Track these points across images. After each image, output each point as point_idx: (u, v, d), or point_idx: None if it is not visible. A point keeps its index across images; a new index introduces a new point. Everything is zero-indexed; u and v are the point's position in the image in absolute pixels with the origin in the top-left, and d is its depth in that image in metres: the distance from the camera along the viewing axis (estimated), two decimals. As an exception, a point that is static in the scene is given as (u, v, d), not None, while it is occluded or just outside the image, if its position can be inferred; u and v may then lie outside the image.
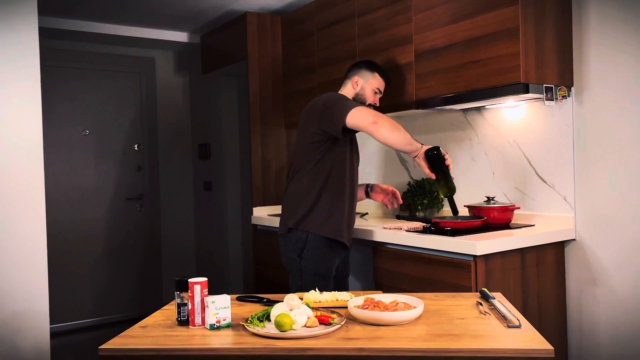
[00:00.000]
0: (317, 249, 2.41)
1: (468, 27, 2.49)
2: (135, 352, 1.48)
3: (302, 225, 2.42)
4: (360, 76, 2.60)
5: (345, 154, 2.47)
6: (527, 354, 1.37)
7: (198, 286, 1.64)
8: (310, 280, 2.40)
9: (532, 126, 2.64)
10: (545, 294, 2.45)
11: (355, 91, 2.59)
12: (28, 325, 2.45)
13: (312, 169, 2.42)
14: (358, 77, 2.60)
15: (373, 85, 2.60)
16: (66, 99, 4.42)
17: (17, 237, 2.44)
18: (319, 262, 2.42)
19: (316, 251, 2.41)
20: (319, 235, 2.41)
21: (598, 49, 2.39)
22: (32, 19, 2.46)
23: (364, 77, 2.60)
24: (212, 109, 4.65)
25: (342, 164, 2.46)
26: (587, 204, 2.46)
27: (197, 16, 4.04)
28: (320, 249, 2.41)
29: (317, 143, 2.40)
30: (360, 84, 2.59)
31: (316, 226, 2.41)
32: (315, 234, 2.40)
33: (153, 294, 4.80)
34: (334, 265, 2.48)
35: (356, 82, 2.59)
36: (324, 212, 2.42)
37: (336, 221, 2.42)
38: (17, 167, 2.44)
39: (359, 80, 2.59)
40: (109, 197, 4.62)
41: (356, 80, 2.59)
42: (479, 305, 1.74)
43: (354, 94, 2.59)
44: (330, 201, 2.42)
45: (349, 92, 2.60)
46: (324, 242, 2.41)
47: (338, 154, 2.45)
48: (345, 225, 2.46)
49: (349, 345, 1.43)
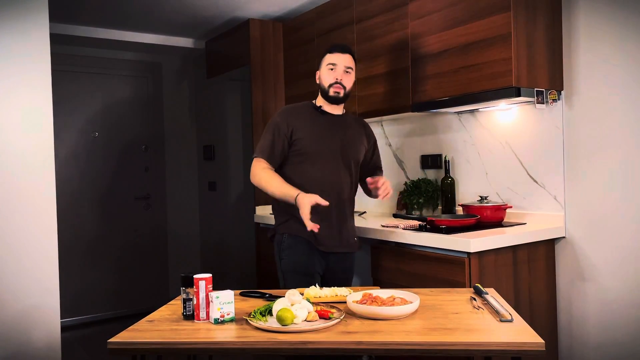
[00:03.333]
0: (291, 247, 2.37)
1: (462, 33, 2.51)
2: (143, 345, 1.49)
3: (279, 228, 2.41)
4: (319, 67, 2.45)
5: (297, 164, 2.39)
6: (519, 347, 1.38)
7: (203, 282, 1.65)
8: (291, 278, 2.36)
9: (524, 128, 2.67)
10: (536, 290, 2.47)
11: (319, 82, 2.44)
12: (40, 320, 2.47)
13: (282, 175, 2.37)
14: (318, 71, 2.46)
15: (324, 63, 2.41)
16: (76, 103, 4.48)
17: (29, 235, 2.46)
18: (296, 261, 2.35)
19: (291, 249, 2.36)
20: (290, 234, 2.36)
21: (587, 54, 2.42)
22: (44, 26, 2.48)
23: (320, 66, 2.45)
24: (217, 112, 4.68)
25: (297, 174, 2.37)
26: (577, 203, 2.49)
27: (202, 23, 4.08)
28: (294, 247, 2.36)
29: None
30: (318, 75, 2.45)
31: (285, 226, 2.38)
32: (289, 234, 2.37)
33: (160, 289, 4.86)
34: (313, 262, 2.36)
35: (318, 77, 2.46)
36: (286, 213, 2.37)
37: (298, 221, 2.26)
38: (29, 167, 2.46)
39: (318, 72, 2.45)
40: (118, 196, 4.68)
41: (317, 75, 2.46)
42: (473, 300, 1.75)
43: (319, 89, 2.45)
44: (288, 205, 2.29)
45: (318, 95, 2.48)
46: (296, 240, 2.36)
47: (293, 164, 2.40)
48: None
49: (347, 339, 1.45)
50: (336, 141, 2.42)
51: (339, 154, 2.42)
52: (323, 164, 2.38)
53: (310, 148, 2.37)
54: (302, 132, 2.38)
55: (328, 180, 2.38)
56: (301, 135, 2.37)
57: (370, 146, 2.61)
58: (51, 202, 2.52)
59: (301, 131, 2.38)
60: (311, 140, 2.38)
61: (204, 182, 5.01)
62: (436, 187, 3.06)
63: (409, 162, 3.32)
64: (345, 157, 2.44)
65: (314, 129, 2.40)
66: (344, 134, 2.46)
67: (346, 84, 2.41)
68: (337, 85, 2.39)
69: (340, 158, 2.42)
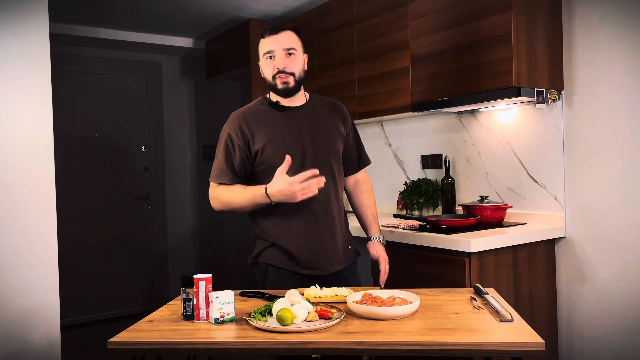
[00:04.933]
0: (275, 282, 1.99)
1: (462, 33, 2.51)
2: (142, 346, 1.48)
3: (261, 257, 2.03)
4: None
5: (263, 179, 1.95)
6: (519, 347, 1.37)
7: (203, 282, 1.64)
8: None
9: (524, 128, 2.67)
10: (536, 290, 2.48)
11: (263, 77, 2.01)
12: (40, 320, 2.47)
13: None
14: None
15: (261, 56, 1.98)
16: (76, 102, 4.49)
17: (29, 235, 2.45)
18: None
19: (276, 285, 1.98)
20: (276, 267, 1.99)
21: (587, 54, 2.42)
22: (44, 26, 2.48)
23: (259, 58, 2.01)
24: (216, 112, 4.70)
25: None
26: (577, 203, 2.49)
27: (202, 23, 4.09)
28: (279, 282, 1.98)
29: None
30: (261, 67, 2.01)
31: (268, 256, 2.01)
32: (274, 266, 1.99)
33: (159, 289, 4.87)
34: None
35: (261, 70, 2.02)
36: (267, 238, 2.02)
37: (282, 250, 1.98)
38: (29, 167, 2.46)
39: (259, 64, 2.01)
40: (118, 196, 4.69)
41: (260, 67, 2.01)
42: (473, 300, 1.75)
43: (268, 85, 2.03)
44: (270, 228, 2.01)
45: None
46: (282, 275, 2.00)
47: (259, 179, 1.99)
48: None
49: (348, 339, 1.44)
50: (306, 140, 1.98)
51: (312, 154, 1.97)
52: (295, 171, 1.86)
53: (275, 157, 1.90)
54: (261, 139, 1.94)
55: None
56: (261, 144, 1.94)
57: (349, 130, 2.13)
58: (51, 202, 2.52)
59: (260, 139, 1.94)
60: (275, 146, 1.94)
61: (203, 182, 5.01)
62: (436, 187, 3.06)
63: (409, 162, 3.32)
64: (321, 155, 1.99)
65: (275, 133, 1.96)
66: (314, 127, 2.01)
67: (293, 69, 1.96)
68: (281, 74, 1.94)
69: (315, 158, 1.97)
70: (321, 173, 1.85)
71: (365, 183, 2.23)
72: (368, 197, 2.21)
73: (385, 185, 3.46)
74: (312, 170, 1.80)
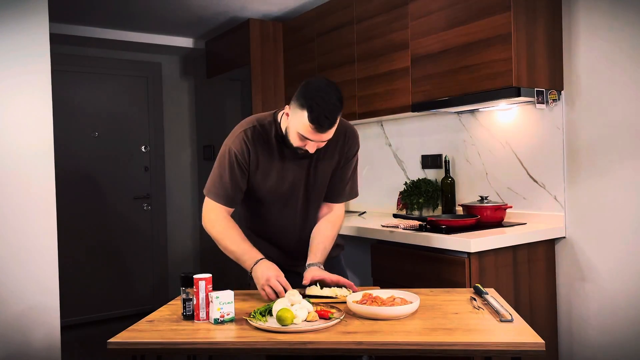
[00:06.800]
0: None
1: (462, 33, 2.52)
2: (143, 346, 1.49)
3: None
4: (292, 106, 1.78)
5: (250, 203, 2.01)
6: (519, 347, 1.37)
7: (203, 282, 1.64)
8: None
9: (524, 128, 2.67)
10: (536, 290, 2.48)
11: (286, 124, 1.84)
12: (39, 321, 2.47)
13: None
14: (291, 106, 1.79)
15: (297, 127, 1.76)
16: (76, 102, 4.49)
17: (29, 235, 2.46)
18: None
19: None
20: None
21: (587, 54, 2.43)
22: (44, 26, 2.49)
23: (293, 111, 1.78)
24: (216, 112, 4.70)
25: (249, 212, 2.07)
26: (577, 203, 2.49)
27: (202, 23, 4.09)
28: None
29: None
30: (289, 119, 1.80)
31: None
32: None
33: (160, 289, 4.87)
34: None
35: (287, 114, 1.82)
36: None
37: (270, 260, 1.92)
38: (29, 167, 2.46)
39: (289, 113, 1.80)
40: (118, 196, 4.69)
41: (287, 110, 1.81)
42: (473, 300, 1.75)
43: (285, 127, 1.86)
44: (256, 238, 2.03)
45: (284, 120, 1.87)
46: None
47: (245, 202, 2.02)
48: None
49: (347, 339, 1.44)
50: (300, 180, 1.95)
51: (301, 196, 1.97)
52: (280, 208, 1.95)
53: (266, 199, 1.95)
54: (263, 178, 1.92)
55: (286, 223, 2.00)
56: (260, 181, 1.92)
57: (348, 162, 2.00)
58: (51, 202, 2.52)
59: (262, 177, 1.92)
60: (270, 192, 1.94)
61: (203, 182, 4.96)
62: (436, 187, 3.07)
63: (409, 162, 3.32)
64: (311, 194, 1.99)
65: (277, 178, 1.92)
66: (318, 174, 1.97)
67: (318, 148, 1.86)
68: (305, 150, 1.84)
69: (304, 198, 1.98)
70: (307, 209, 2.00)
71: (337, 217, 2.05)
72: (331, 228, 2.02)
73: (385, 185, 3.47)
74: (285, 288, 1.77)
